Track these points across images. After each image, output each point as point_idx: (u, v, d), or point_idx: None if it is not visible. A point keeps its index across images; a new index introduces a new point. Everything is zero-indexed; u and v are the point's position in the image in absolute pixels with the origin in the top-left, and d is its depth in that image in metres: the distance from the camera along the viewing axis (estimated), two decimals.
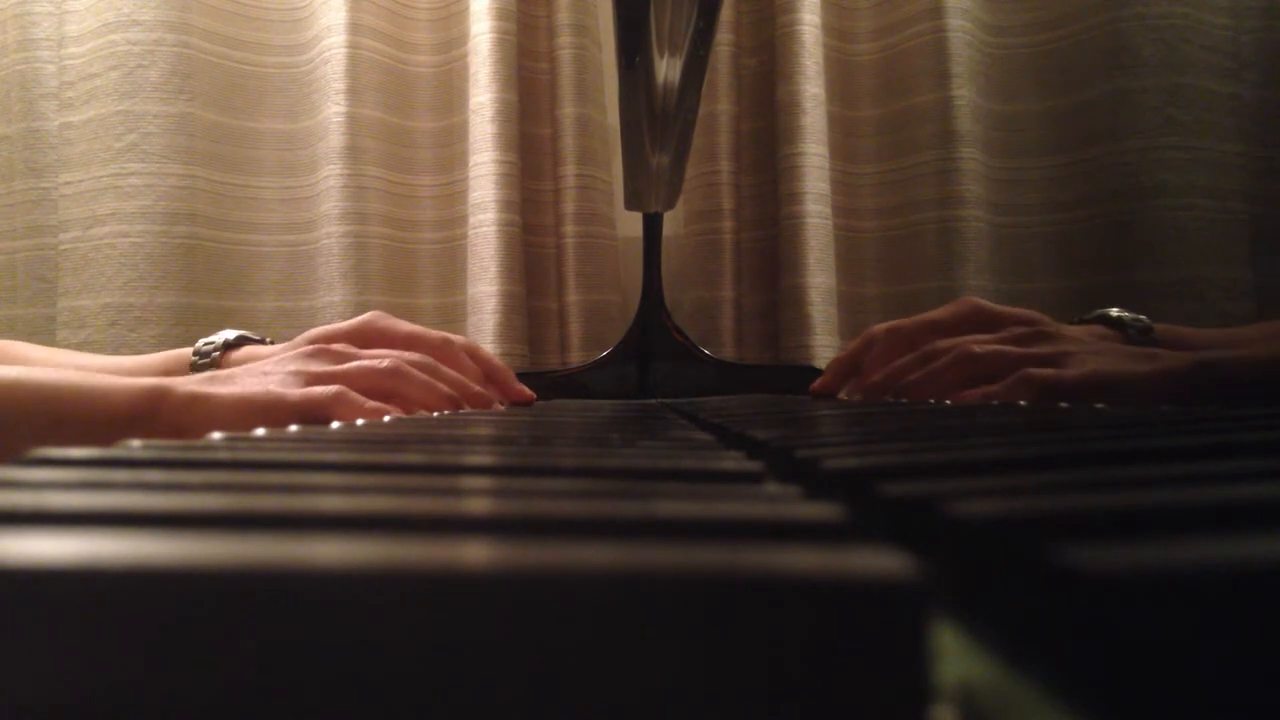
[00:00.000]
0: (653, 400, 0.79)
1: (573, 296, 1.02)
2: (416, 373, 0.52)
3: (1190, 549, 0.08)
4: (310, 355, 0.53)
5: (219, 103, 1.04)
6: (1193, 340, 0.63)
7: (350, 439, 0.25)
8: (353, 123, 1.01)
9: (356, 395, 0.47)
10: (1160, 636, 0.08)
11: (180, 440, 0.22)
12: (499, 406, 0.61)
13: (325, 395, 0.46)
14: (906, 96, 1.03)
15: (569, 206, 1.03)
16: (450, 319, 1.06)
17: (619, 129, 0.65)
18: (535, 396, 0.67)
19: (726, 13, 1.03)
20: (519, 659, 0.07)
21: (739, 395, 0.81)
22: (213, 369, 0.60)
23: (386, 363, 0.52)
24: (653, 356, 0.86)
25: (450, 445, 0.24)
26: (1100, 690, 0.08)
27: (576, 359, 1.00)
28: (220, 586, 0.08)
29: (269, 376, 0.49)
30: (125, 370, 0.62)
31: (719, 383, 0.86)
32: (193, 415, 0.44)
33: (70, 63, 1.01)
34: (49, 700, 0.08)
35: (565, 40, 1.03)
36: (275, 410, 0.45)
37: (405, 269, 1.07)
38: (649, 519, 0.12)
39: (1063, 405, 0.44)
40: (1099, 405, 0.41)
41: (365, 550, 0.08)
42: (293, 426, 0.30)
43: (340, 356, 0.53)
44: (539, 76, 1.05)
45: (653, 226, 0.85)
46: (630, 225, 1.01)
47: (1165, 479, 0.15)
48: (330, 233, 1.01)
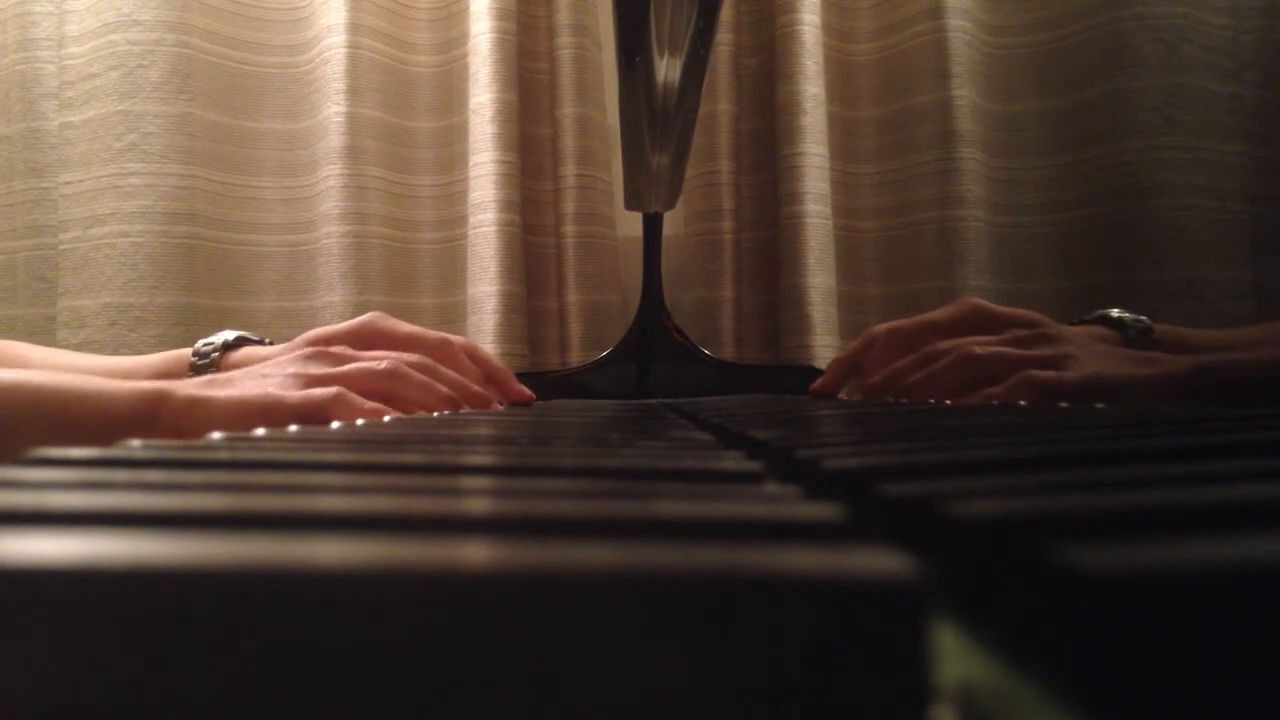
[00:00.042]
0: (653, 400, 0.79)
1: (573, 296, 1.02)
2: (415, 374, 0.53)
3: (1190, 549, 0.08)
4: (308, 358, 0.53)
5: (219, 103, 1.04)
6: (1193, 341, 0.63)
7: (350, 439, 0.25)
8: (353, 123, 1.01)
9: (355, 397, 0.48)
10: (1160, 636, 0.08)
11: (180, 440, 0.22)
12: (498, 406, 0.61)
13: (324, 397, 0.46)
14: (906, 96, 1.03)
15: (569, 206, 1.03)
16: (450, 319, 1.06)
17: (619, 129, 0.65)
18: (535, 396, 0.67)
19: (726, 13, 1.03)
20: (519, 659, 0.07)
21: (739, 395, 0.81)
22: (212, 369, 0.60)
23: (385, 364, 0.52)
24: (653, 356, 0.86)
25: (450, 445, 0.24)
26: (1100, 690, 0.08)
27: (576, 359, 1.00)
28: (220, 586, 0.08)
29: (268, 379, 0.49)
30: (125, 371, 0.62)
31: (719, 383, 0.86)
32: (192, 418, 0.44)
33: (70, 63, 1.01)
34: (49, 700, 0.08)
35: (565, 40, 1.03)
36: (274, 413, 0.45)
37: (405, 269, 1.07)
38: (649, 519, 0.12)
39: (1062, 405, 0.44)
40: (1099, 405, 0.41)
41: (365, 550, 0.08)
42: (292, 427, 0.30)
43: (339, 358, 0.53)
44: (539, 76, 1.05)
45: (653, 226, 0.85)
46: (630, 225, 1.01)
47: (1165, 479, 0.15)
48: (330, 233, 1.01)
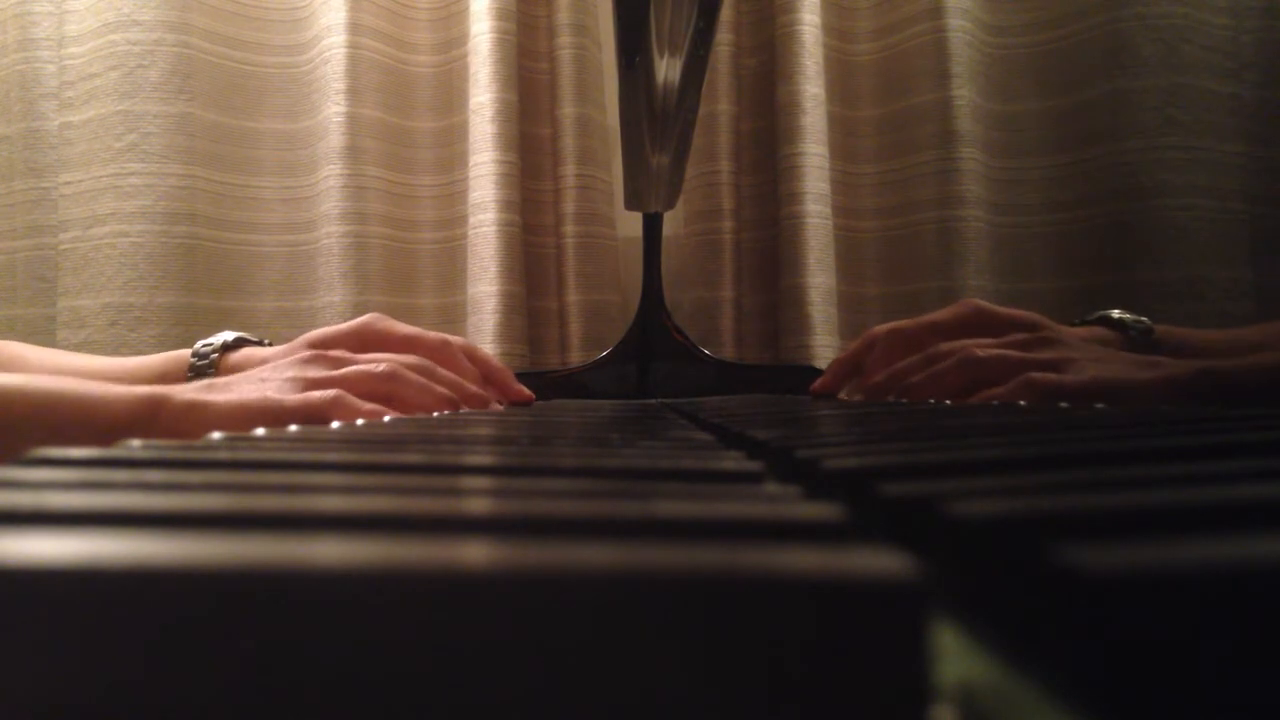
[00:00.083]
0: (653, 400, 0.79)
1: (573, 296, 1.02)
2: (412, 375, 0.53)
3: (1190, 549, 0.08)
4: (306, 361, 0.53)
5: (219, 103, 1.04)
6: (1193, 342, 0.63)
7: (350, 439, 0.25)
8: (353, 123, 1.01)
9: (354, 399, 0.48)
10: (1160, 636, 0.08)
11: (180, 441, 0.22)
12: (497, 406, 0.61)
13: (323, 400, 0.47)
14: (906, 96, 1.03)
15: (569, 206, 1.03)
16: (450, 319, 1.06)
17: (619, 129, 0.65)
18: (534, 397, 0.67)
19: (726, 13, 1.03)
20: (519, 659, 0.07)
21: (739, 395, 0.81)
22: (211, 370, 0.60)
23: (383, 367, 0.52)
24: (653, 356, 0.86)
25: (450, 445, 0.24)
26: (1100, 690, 0.08)
27: (576, 359, 1.00)
28: (220, 586, 0.08)
29: (266, 383, 0.49)
30: (125, 371, 0.62)
31: (719, 383, 0.86)
32: (190, 423, 0.44)
33: (70, 63, 1.01)
34: (49, 700, 0.08)
35: (565, 40, 1.03)
36: (273, 416, 0.45)
37: (405, 269, 1.07)
38: (649, 519, 0.12)
39: (1062, 406, 0.44)
40: (1099, 405, 0.41)
41: (365, 550, 0.08)
42: (292, 427, 0.30)
43: (336, 361, 0.53)
44: (539, 76, 1.05)
45: (653, 226, 0.85)
46: (630, 225, 1.01)
47: (1165, 479, 0.15)
48: (330, 233, 1.01)
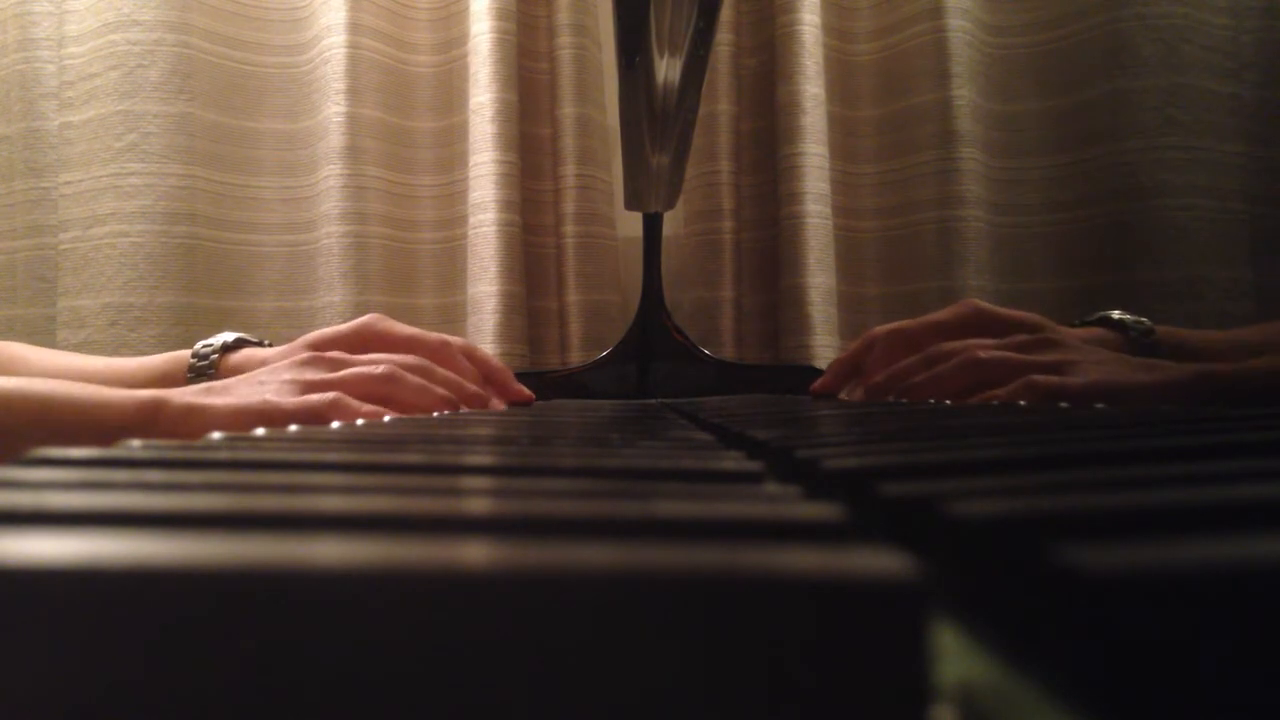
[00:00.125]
0: (653, 400, 0.79)
1: (573, 296, 1.02)
2: (411, 376, 0.53)
3: (1190, 549, 0.08)
4: (304, 363, 0.53)
5: (219, 103, 1.04)
6: (1193, 342, 0.63)
7: (350, 439, 0.25)
8: (353, 123, 1.01)
9: (353, 401, 0.48)
10: (1160, 636, 0.08)
11: (180, 441, 0.22)
12: (497, 404, 0.61)
13: (321, 403, 0.47)
14: (906, 96, 1.03)
15: (569, 206, 1.03)
16: (450, 319, 1.06)
17: (619, 129, 0.65)
18: (534, 397, 0.67)
19: (726, 13, 1.03)
20: (519, 659, 0.07)
21: (739, 395, 0.81)
22: (211, 371, 0.60)
23: (381, 368, 0.52)
24: (653, 356, 0.86)
25: (450, 445, 0.24)
26: (1100, 690, 0.08)
27: (576, 359, 1.00)
28: (220, 586, 0.08)
29: (264, 386, 0.49)
30: (125, 372, 0.62)
31: (719, 383, 0.86)
32: (189, 426, 0.44)
33: (70, 63, 1.01)
34: (49, 700, 0.08)
35: (565, 40, 1.03)
36: (271, 419, 0.45)
37: (405, 269, 1.07)
38: (649, 519, 0.12)
39: (1062, 406, 0.44)
40: (1099, 406, 0.41)
41: (365, 550, 0.08)
42: (292, 427, 0.30)
43: (335, 363, 0.53)
44: (539, 76, 1.05)
45: (653, 226, 0.85)
46: (630, 225, 1.01)
47: (1165, 479, 0.15)
48: (330, 233, 1.01)
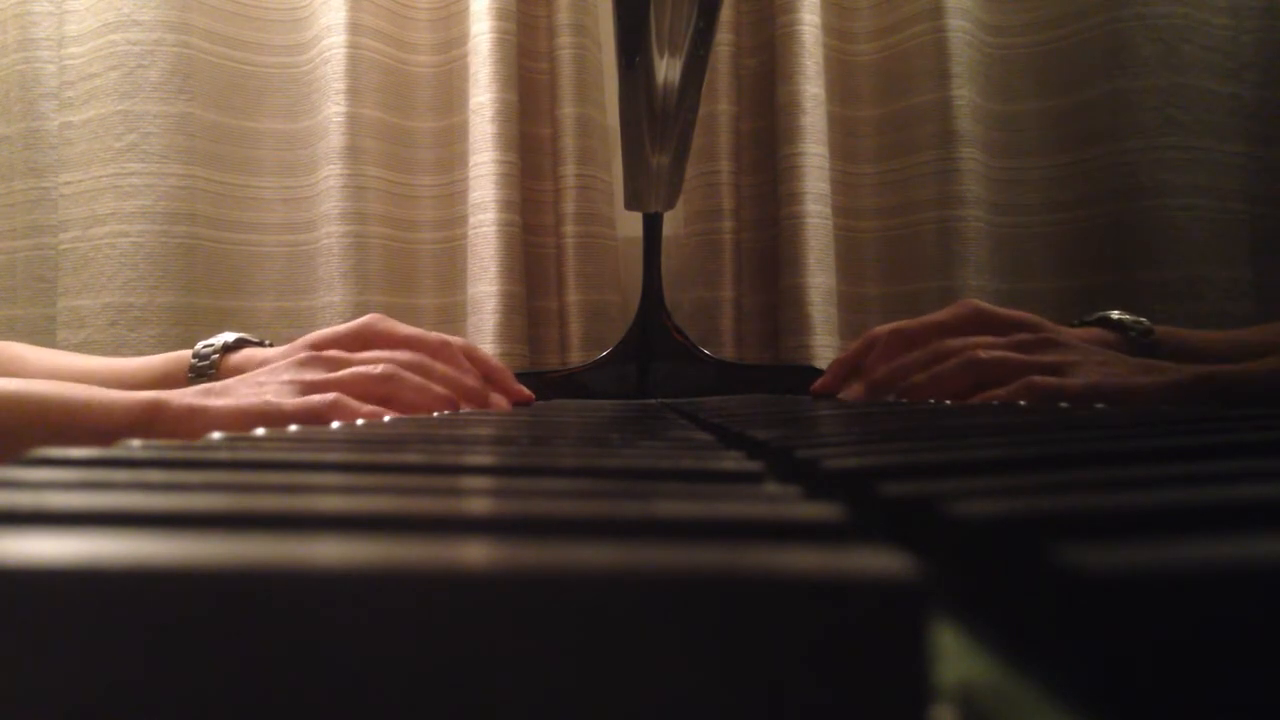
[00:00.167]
0: (653, 400, 0.79)
1: (573, 296, 1.02)
2: (410, 375, 0.53)
3: (1190, 549, 0.08)
4: (304, 363, 0.53)
5: (219, 103, 1.04)
6: (1193, 343, 0.63)
7: (350, 439, 0.25)
8: (353, 123, 1.01)
9: (353, 402, 0.48)
10: (1160, 636, 0.08)
11: (180, 441, 0.22)
12: (497, 399, 0.61)
13: (322, 404, 0.47)
14: (906, 96, 1.03)
15: (569, 206, 1.03)
16: (450, 319, 1.06)
17: (619, 129, 0.65)
18: (534, 396, 0.67)
19: (726, 13, 1.03)
20: (519, 659, 0.07)
21: (739, 395, 0.81)
22: (211, 371, 0.60)
23: (380, 368, 0.52)
24: (653, 356, 0.86)
25: (450, 445, 0.24)
26: (1100, 690, 0.08)
27: (576, 359, 1.00)
28: (220, 586, 0.08)
29: (264, 386, 0.49)
30: (125, 372, 0.62)
31: (719, 383, 0.86)
32: (189, 427, 0.44)
33: (70, 63, 1.01)
34: (49, 700, 0.08)
35: (565, 40, 1.03)
36: (272, 420, 0.45)
37: (405, 269, 1.07)
38: (649, 519, 0.12)
39: (1062, 406, 0.44)
40: (1099, 406, 0.41)
41: (365, 550, 0.08)
42: (292, 427, 0.30)
43: (334, 363, 0.53)
44: (539, 76, 1.05)
45: (653, 226, 0.85)
46: (630, 225, 1.01)
47: (1165, 479, 0.15)
48: (330, 233, 1.01)
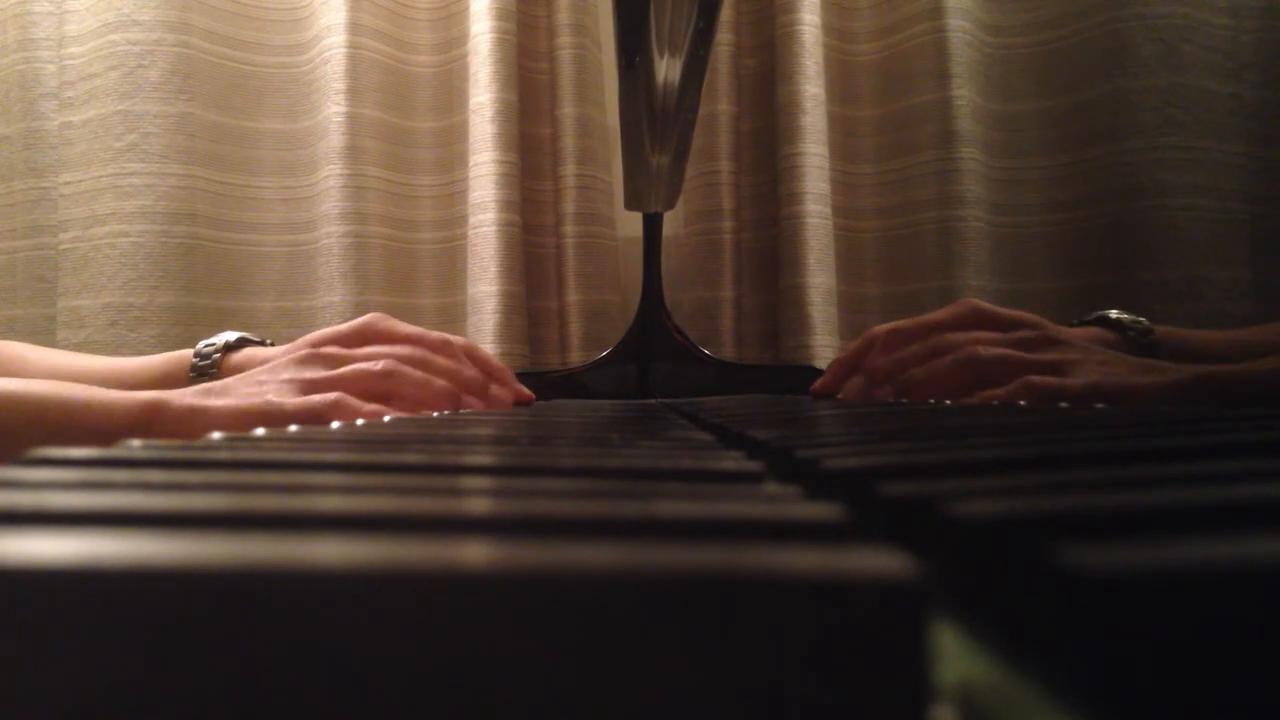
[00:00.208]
0: (653, 400, 0.79)
1: (573, 296, 1.02)
2: (411, 371, 0.52)
3: (1190, 549, 0.08)
4: (303, 361, 0.53)
5: (219, 103, 1.04)
6: (1192, 342, 0.63)
7: (350, 439, 0.25)
8: (353, 123, 1.01)
9: (354, 400, 0.48)
10: (1160, 636, 0.08)
11: (180, 441, 0.22)
12: (499, 392, 0.61)
13: (323, 403, 0.47)
14: (906, 96, 1.03)
15: (569, 206, 1.03)
16: (450, 319, 1.06)
17: (619, 129, 0.65)
18: (534, 396, 0.67)
19: (726, 13, 1.03)
20: (519, 659, 0.07)
21: (739, 395, 0.81)
22: (213, 370, 0.60)
23: (381, 365, 0.52)
24: (653, 356, 0.86)
25: (450, 445, 0.24)
26: (1100, 690, 0.08)
27: (576, 359, 1.00)
28: (220, 586, 0.08)
29: (264, 386, 0.49)
30: (126, 372, 0.62)
31: (719, 383, 0.86)
32: (190, 427, 0.44)
33: (70, 63, 1.01)
34: (49, 700, 0.08)
35: (565, 40, 1.03)
36: (272, 420, 0.45)
37: (405, 269, 1.07)
38: (649, 519, 0.12)
39: (1062, 405, 0.44)
40: (1099, 405, 0.41)
41: (365, 550, 0.08)
42: (292, 427, 0.30)
43: (334, 360, 0.53)
44: (539, 76, 1.05)
45: (653, 226, 0.85)
46: (630, 225, 1.01)
47: (1165, 479, 0.15)
48: (330, 233, 1.01)
